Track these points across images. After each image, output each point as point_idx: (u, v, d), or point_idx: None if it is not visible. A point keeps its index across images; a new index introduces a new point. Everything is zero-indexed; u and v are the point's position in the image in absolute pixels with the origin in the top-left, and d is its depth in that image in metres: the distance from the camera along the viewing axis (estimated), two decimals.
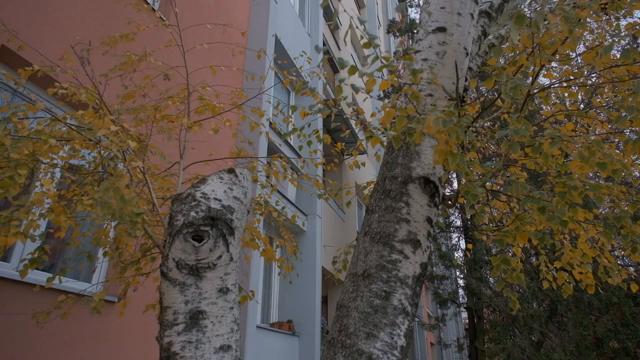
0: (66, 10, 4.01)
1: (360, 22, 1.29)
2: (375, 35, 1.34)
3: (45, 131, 2.08)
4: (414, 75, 1.37)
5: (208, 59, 3.78)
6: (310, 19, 11.00)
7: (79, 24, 4.09)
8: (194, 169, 2.84)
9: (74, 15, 4.08)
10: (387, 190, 1.99)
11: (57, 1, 3.94)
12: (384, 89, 1.58)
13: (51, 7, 3.86)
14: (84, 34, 3.80)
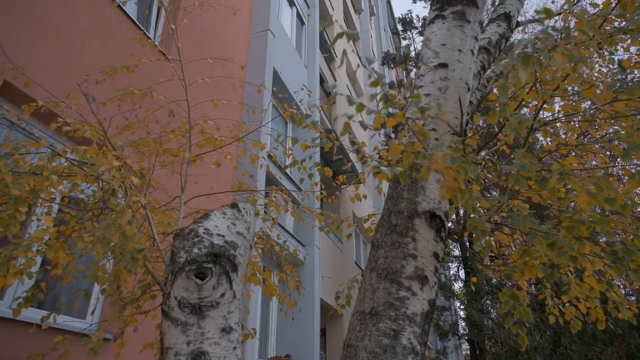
0: (69, 43, 4.07)
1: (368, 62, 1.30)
2: (383, 74, 1.35)
3: (47, 167, 2.06)
4: (421, 113, 1.38)
5: (208, 92, 3.82)
6: (306, 52, 11.23)
7: (82, 58, 4.14)
8: (195, 202, 2.82)
9: (77, 49, 4.14)
10: (393, 225, 1.97)
11: (60, 35, 4.00)
12: (391, 125, 1.58)
13: (54, 40, 3.92)
14: (86, 69, 3.85)
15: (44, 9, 3.89)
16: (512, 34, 2.86)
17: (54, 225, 2.62)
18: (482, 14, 2.33)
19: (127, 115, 2.62)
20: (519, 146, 3.24)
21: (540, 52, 1.37)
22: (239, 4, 7.98)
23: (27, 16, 3.70)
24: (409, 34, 15.68)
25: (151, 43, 3.43)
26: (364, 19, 20.85)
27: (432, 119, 2.09)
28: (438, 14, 2.29)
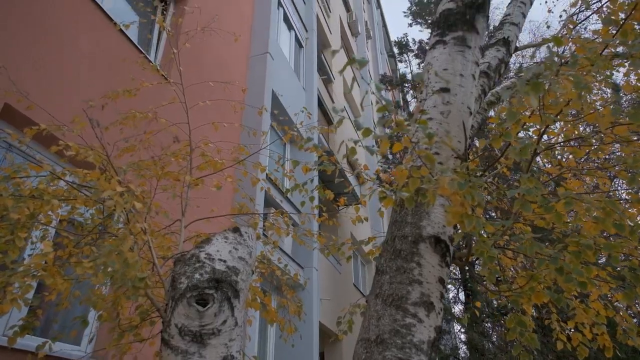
0: (69, 67, 4.10)
1: (377, 89, 1.31)
2: (390, 101, 1.36)
3: (47, 190, 2.04)
4: (429, 139, 1.38)
5: (208, 114, 3.84)
6: (304, 74, 11.35)
7: (83, 82, 4.16)
8: (195, 226, 2.79)
9: (78, 72, 4.16)
10: (398, 250, 1.95)
11: (61, 58, 4.03)
12: (397, 150, 1.58)
13: (55, 64, 3.94)
14: (88, 93, 3.86)
15: (46, 34, 3.93)
16: (510, 59, 2.90)
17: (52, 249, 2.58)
18: (482, 40, 2.37)
19: (129, 139, 2.61)
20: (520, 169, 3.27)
21: (545, 77, 1.38)
22: (239, 28, 8.10)
23: (30, 49, 3.73)
24: (405, 57, 15.93)
25: (153, 67, 3.45)
26: (361, 42, 21.19)
27: (435, 143, 2.09)
28: (439, 40, 2.32)
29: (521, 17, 3.11)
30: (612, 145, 2.20)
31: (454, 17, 2.30)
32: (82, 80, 4.17)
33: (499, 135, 1.80)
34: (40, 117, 3.24)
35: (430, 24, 15.92)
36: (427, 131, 1.40)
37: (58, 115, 3.04)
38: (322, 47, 14.55)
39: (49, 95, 3.72)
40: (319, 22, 13.45)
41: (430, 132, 1.39)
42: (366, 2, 25.92)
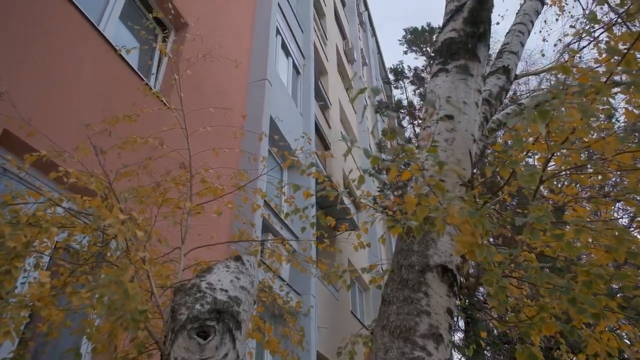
0: (70, 92, 4.10)
1: (388, 116, 1.30)
2: (403, 129, 1.35)
3: (45, 217, 1.99)
4: (439, 167, 1.36)
5: (207, 140, 3.83)
6: (302, 100, 11.46)
7: (83, 106, 4.16)
8: (194, 253, 2.73)
9: (78, 97, 4.16)
10: (405, 280, 1.90)
11: (62, 82, 4.03)
12: (405, 178, 1.56)
13: (56, 89, 3.94)
14: (88, 117, 3.85)
15: (47, 56, 3.95)
16: (511, 86, 2.93)
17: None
18: (484, 68, 2.39)
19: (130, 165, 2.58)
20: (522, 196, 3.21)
21: (551, 105, 1.38)
22: (238, 55, 8.20)
23: (31, 75, 3.74)
24: (400, 83, 16.17)
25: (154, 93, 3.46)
26: (357, 69, 21.54)
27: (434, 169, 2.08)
28: (441, 68, 2.34)
29: (520, 46, 3.17)
30: (614, 173, 2.20)
31: (456, 46, 2.33)
32: (81, 105, 4.16)
33: (506, 162, 1.79)
34: (40, 143, 3.21)
35: (425, 52, 16.25)
36: (437, 159, 1.38)
37: (57, 140, 3.02)
38: (319, 73, 14.76)
39: (48, 120, 3.70)
40: (316, 50, 13.68)
41: (441, 160, 1.38)
42: (361, 30, 26.50)
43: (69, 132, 3.87)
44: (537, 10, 3.46)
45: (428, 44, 16.35)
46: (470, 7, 2.32)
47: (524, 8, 3.42)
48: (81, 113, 4.06)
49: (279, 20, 10.61)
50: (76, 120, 3.91)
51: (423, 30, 16.79)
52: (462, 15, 2.38)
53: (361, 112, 19.68)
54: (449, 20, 2.45)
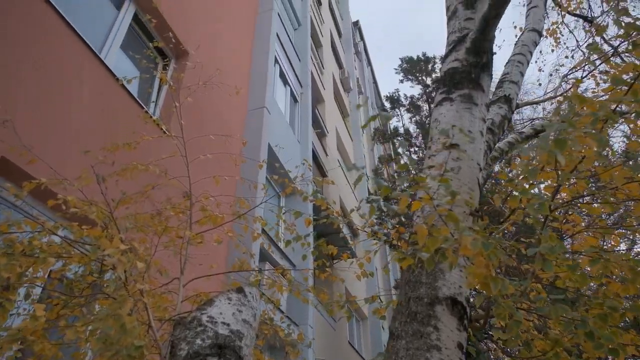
0: (70, 119, 4.08)
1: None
2: (415, 160, 1.32)
3: (42, 247, 1.93)
4: (452, 197, 1.33)
5: (206, 167, 3.80)
6: (299, 128, 11.53)
7: (84, 134, 4.14)
8: (193, 283, 2.65)
9: (79, 125, 4.15)
10: (413, 313, 1.84)
11: (62, 111, 4.02)
12: (415, 209, 1.53)
13: (57, 117, 3.93)
14: (88, 146, 3.83)
15: (48, 84, 3.95)
16: (513, 115, 2.95)
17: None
18: (488, 98, 2.40)
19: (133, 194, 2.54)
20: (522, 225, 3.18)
21: (567, 134, 1.37)
22: (238, 83, 8.28)
23: (31, 97, 3.74)
24: (397, 111, 16.37)
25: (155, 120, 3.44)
26: (353, 98, 21.83)
27: (445, 198, 2.05)
28: (445, 97, 2.35)
29: (520, 75, 3.21)
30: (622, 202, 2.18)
31: (459, 76, 2.34)
32: (81, 132, 4.14)
33: (510, 191, 1.77)
34: (37, 170, 3.17)
35: (421, 81, 16.52)
36: (449, 189, 1.35)
37: (56, 167, 2.98)
38: (316, 101, 14.92)
39: (48, 147, 3.67)
40: (313, 78, 13.87)
41: (454, 190, 1.35)
42: (357, 59, 27.03)
43: (69, 159, 3.83)
44: (535, 41, 3.53)
45: (424, 73, 16.65)
46: (472, 38, 2.35)
47: (522, 39, 3.49)
48: (81, 140, 4.04)
49: (277, 50, 10.79)
50: (75, 148, 3.88)
51: (419, 59, 17.13)
52: (464, 46, 2.40)
53: (359, 138, 19.82)
54: (451, 51, 2.47)
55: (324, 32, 19.10)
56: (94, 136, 4.24)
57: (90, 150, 3.13)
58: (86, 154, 3.29)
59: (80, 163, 3.84)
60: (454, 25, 2.55)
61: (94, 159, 2.78)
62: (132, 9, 5.81)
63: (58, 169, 2.74)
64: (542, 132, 3.78)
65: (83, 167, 3.65)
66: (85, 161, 3.80)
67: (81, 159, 3.78)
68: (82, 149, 3.03)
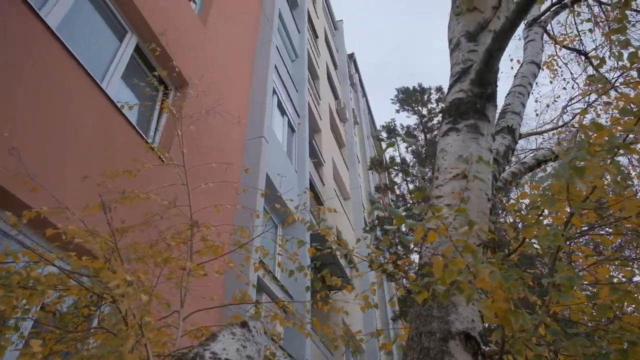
0: (70, 148, 4.05)
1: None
2: (428, 187, 1.30)
3: (40, 279, 1.86)
4: (470, 227, 1.30)
5: (205, 196, 3.76)
6: (297, 158, 11.57)
7: (84, 162, 4.10)
8: (193, 315, 2.56)
9: (78, 154, 4.11)
10: (426, 349, 1.77)
11: (63, 139, 4.00)
12: (432, 240, 1.49)
13: (57, 145, 3.90)
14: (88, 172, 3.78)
15: (49, 108, 3.94)
16: (516, 146, 2.96)
17: (26, 342, 2.30)
18: (493, 128, 2.41)
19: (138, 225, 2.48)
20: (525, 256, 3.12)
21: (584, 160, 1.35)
22: (237, 112, 8.34)
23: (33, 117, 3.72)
24: (392, 141, 16.51)
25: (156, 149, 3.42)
26: (349, 128, 22.07)
27: (456, 230, 2.02)
28: (451, 127, 2.35)
29: (521, 106, 3.24)
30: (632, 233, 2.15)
31: (465, 106, 2.35)
32: (81, 161, 4.11)
33: (519, 223, 1.74)
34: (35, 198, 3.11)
35: (417, 111, 16.77)
36: (467, 219, 1.32)
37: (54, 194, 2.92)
38: (313, 132, 15.04)
39: (48, 176, 3.62)
40: (310, 109, 14.03)
41: (472, 220, 1.32)
42: (353, 91, 27.52)
43: (67, 187, 3.78)
44: (534, 73, 3.59)
45: (419, 104, 16.91)
46: (477, 70, 2.37)
47: (522, 71, 3.55)
48: (80, 169, 4.00)
49: (275, 81, 10.95)
50: (74, 176, 3.83)
51: (414, 90, 17.44)
52: (469, 77, 2.43)
53: (355, 168, 19.90)
54: (456, 82, 2.50)
55: (321, 64, 19.49)
56: (94, 164, 4.20)
57: (90, 177, 3.09)
58: (85, 179, 3.25)
59: (79, 191, 3.79)
60: (458, 57, 2.59)
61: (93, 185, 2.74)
62: (134, 41, 5.90)
63: (56, 196, 2.69)
64: (544, 162, 3.82)
65: (81, 195, 3.60)
66: (84, 189, 3.75)
67: (79, 187, 3.73)
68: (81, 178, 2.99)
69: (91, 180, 3.48)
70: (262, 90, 9.60)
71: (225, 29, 8.80)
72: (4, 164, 2.86)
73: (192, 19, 7.40)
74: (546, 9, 3.83)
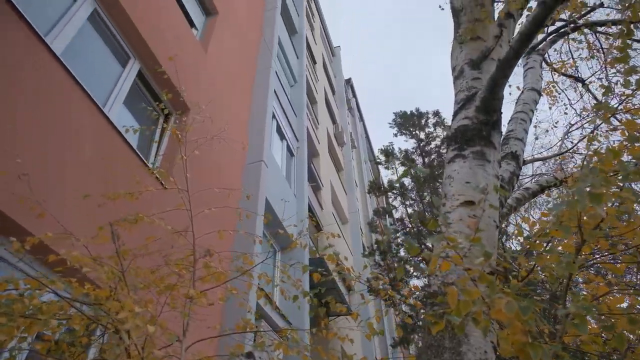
0: (71, 171, 4.03)
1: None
2: (448, 217, 1.28)
3: (42, 308, 1.81)
4: (486, 258, 1.28)
5: (207, 220, 3.73)
6: (295, 181, 11.58)
7: (84, 187, 4.07)
8: (196, 344, 2.49)
9: (79, 177, 4.09)
10: None
11: (63, 162, 3.98)
12: (445, 269, 1.47)
13: (57, 168, 3.88)
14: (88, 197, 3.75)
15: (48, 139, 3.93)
16: (520, 171, 2.96)
17: None
18: (499, 155, 2.42)
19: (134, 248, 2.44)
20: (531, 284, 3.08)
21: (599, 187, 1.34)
22: (237, 137, 8.38)
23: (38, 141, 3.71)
24: (391, 164, 16.59)
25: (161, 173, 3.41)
26: (347, 152, 22.21)
27: (465, 258, 1.99)
28: (458, 154, 2.36)
29: (524, 133, 3.27)
30: None
31: (470, 133, 2.37)
32: (81, 185, 4.08)
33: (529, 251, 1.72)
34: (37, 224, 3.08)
35: (414, 135, 16.91)
36: (484, 249, 1.30)
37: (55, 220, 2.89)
38: (311, 155, 15.11)
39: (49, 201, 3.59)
40: (308, 133, 14.13)
41: (488, 250, 1.30)
42: (350, 115, 27.80)
43: (68, 209, 3.74)
44: (535, 100, 3.64)
45: (417, 128, 17.08)
46: (482, 97, 2.40)
47: (523, 98, 3.60)
48: (81, 191, 3.97)
49: (275, 106, 11.05)
50: (74, 198, 3.80)
51: (412, 114, 17.65)
52: (474, 104, 2.45)
53: (352, 192, 19.91)
54: (460, 108, 2.52)
55: (319, 89, 19.76)
56: (95, 188, 4.18)
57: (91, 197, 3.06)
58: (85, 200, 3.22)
59: (79, 214, 3.75)
60: (462, 85, 2.62)
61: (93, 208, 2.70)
62: (136, 67, 5.96)
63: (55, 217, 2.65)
64: (547, 188, 3.84)
65: (81, 217, 3.55)
66: (84, 211, 3.71)
67: (80, 209, 3.70)
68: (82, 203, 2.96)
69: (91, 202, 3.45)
70: (262, 115, 9.68)
71: (226, 55, 8.93)
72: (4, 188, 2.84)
73: (194, 45, 7.51)
74: (544, 37, 3.91)
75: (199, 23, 8.46)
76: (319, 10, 24.87)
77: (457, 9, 2.86)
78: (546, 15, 2.10)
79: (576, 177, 1.41)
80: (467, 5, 2.81)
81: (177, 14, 7.13)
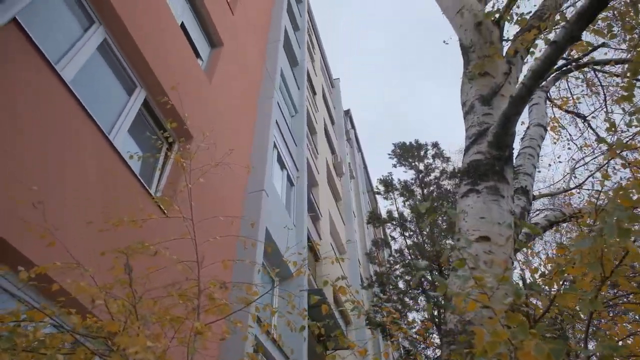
0: (73, 198, 3.99)
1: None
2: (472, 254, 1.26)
3: (46, 342, 1.75)
4: (518, 298, 1.25)
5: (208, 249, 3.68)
6: (295, 211, 11.53)
7: (86, 213, 4.03)
8: None
9: (81, 203, 4.05)
10: None
11: (64, 186, 3.95)
12: (472, 309, 1.43)
13: (58, 192, 3.84)
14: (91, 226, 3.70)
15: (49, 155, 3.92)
16: (531, 207, 2.95)
17: None
18: (512, 190, 2.41)
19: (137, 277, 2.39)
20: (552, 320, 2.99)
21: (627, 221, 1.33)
22: (240, 165, 8.40)
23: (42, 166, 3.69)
24: (390, 195, 16.59)
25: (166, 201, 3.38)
26: (345, 182, 22.25)
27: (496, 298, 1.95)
28: (471, 188, 2.35)
29: (532, 168, 3.28)
30: None
31: (484, 168, 2.37)
32: (84, 212, 4.04)
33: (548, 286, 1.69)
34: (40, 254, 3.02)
35: (414, 166, 17.00)
36: (518, 290, 1.27)
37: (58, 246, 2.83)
38: (311, 185, 15.11)
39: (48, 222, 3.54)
40: (308, 163, 14.19)
41: (520, 291, 1.27)
42: (349, 146, 28.03)
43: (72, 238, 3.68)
44: (542, 135, 3.68)
45: (416, 159, 17.19)
46: (494, 132, 2.42)
47: (530, 133, 3.64)
48: (83, 218, 3.92)
49: (276, 135, 11.13)
50: (77, 224, 3.75)
51: (411, 145, 17.80)
52: (486, 139, 2.46)
53: (350, 222, 19.84)
54: (472, 143, 2.53)
55: (319, 120, 19.99)
56: (97, 215, 4.13)
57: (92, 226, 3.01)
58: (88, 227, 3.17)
59: (81, 242, 3.69)
60: (473, 120, 2.65)
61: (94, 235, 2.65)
62: (142, 95, 6.02)
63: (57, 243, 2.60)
64: (555, 223, 3.83)
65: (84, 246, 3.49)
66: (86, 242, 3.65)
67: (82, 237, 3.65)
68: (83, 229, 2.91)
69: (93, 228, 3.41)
70: (263, 145, 9.73)
71: (229, 86, 9.06)
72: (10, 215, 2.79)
73: (199, 76, 7.62)
74: (548, 75, 4.00)
75: (204, 54, 8.61)
76: (319, 43, 25.47)
77: (467, 46, 2.93)
78: (558, 55, 2.15)
79: (601, 213, 1.40)
80: (477, 43, 2.87)
81: (184, 45, 7.27)
